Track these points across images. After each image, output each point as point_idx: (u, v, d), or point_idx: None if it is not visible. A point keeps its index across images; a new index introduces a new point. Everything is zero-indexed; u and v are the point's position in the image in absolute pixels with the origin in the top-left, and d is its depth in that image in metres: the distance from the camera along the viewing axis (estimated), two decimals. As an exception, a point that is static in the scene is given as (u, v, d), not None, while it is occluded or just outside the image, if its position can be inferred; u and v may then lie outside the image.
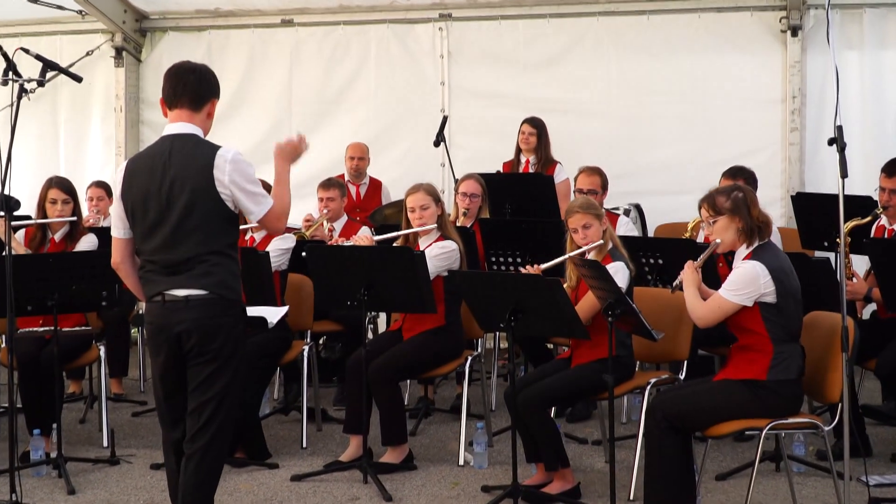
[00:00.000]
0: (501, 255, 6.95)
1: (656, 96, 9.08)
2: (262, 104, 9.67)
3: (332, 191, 7.79)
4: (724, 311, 4.84)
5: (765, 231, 4.91)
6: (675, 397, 5.00)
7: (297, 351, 6.67)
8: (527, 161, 8.50)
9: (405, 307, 6.02)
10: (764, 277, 4.75)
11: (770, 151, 8.87)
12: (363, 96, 9.61)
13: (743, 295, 4.79)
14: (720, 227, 4.93)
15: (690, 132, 9.04)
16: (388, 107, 9.55)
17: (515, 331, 5.18)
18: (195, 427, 4.38)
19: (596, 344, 5.43)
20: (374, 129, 9.51)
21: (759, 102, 8.92)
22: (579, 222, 5.62)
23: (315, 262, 5.89)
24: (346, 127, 9.48)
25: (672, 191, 8.84)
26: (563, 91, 9.21)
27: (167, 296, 4.37)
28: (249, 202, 4.38)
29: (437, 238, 6.28)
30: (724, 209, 4.91)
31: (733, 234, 4.91)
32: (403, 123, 9.53)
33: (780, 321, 4.78)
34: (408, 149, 9.48)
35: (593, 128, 9.10)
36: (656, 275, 6.37)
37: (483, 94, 9.40)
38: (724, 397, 4.82)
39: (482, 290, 5.28)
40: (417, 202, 6.26)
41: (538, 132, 8.40)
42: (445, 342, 6.22)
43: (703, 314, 4.91)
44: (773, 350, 4.78)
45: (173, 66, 4.49)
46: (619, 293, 4.97)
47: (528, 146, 8.45)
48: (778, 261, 4.84)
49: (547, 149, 8.42)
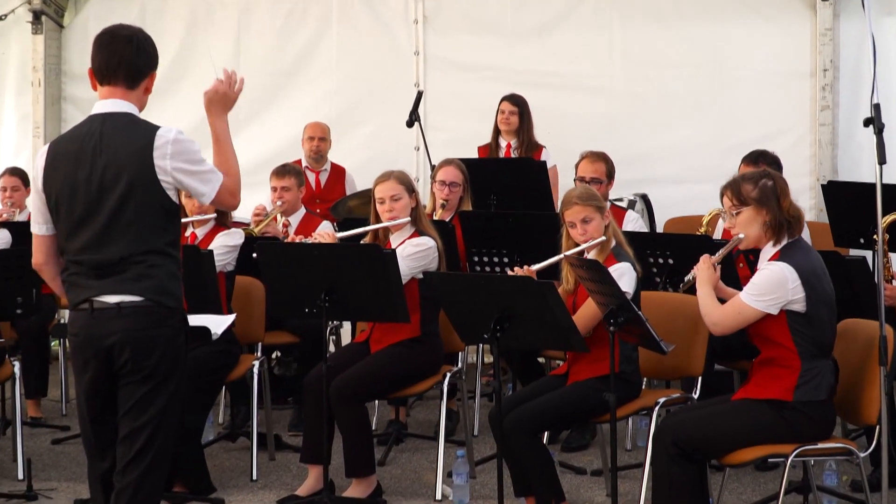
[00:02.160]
0: (486, 254, 6.95)
1: (665, 70, 9.09)
2: (204, 78, 9.37)
3: (287, 179, 7.76)
4: (745, 317, 4.86)
5: (795, 227, 4.92)
6: (687, 420, 5.02)
7: (245, 367, 6.65)
8: (507, 145, 8.54)
9: (373, 315, 6.02)
10: (793, 282, 4.78)
11: (797, 133, 8.91)
12: (323, 68, 9.60)
13: (767, 301, 4.80)
14: (744, 219, 4.94)
15: (705, 112, 9.05)
16: (352, 81, 9.55)
17: (502, 342, 5.16)
18: (127, 457, 4.37)
19: (596, 358, 5.43)
20: (337, 106, 9.51)
21: (785, 77, 8.94)
22: (578, 215, 5.62)
23: (267, 263, 5.87)
24: (303, 104, 9.49)
25: (684, 179, 8.87)
26: (557, 63, 9.21)
27: (96, 302, 4.35)
28: (198, 183, 4.37)
29: (410, 234, 6.28)
30: (750, 199, 4.92)
31: (759, 229, 4.93)
32: (371, 100, 9.52)
33: (809, 333, 4.81)
34: (376, 130, 9.48)
35: (592, 106, 9.11)
36: (666, 277, 6.36)
37: (464, 66, 9.41)
38: (743, 420, 4.85)
39: (463, 295, 5.26)
40: (388, 192, 6.25)
41: (520, 111, 8.46)
42: (420, 356, 6.23)
43: (718, 319, 4.93)
44: (800, 366, 4.81)
45: (105, 32, 4.45)
46: (622, 298, 4.99)
47: (508, 127, 8.49)
48: (810, 262, 4.86)
49: (530, 130, 8.49)
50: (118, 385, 4.38)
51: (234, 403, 7.46)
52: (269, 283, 6.07)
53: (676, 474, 4.86)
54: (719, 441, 4.88)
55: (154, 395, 4.35)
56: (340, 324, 8.09)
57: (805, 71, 8.92)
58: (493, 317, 5.09)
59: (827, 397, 4.84)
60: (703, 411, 5.05)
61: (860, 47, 8.75)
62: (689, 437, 4.87)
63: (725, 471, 5.69)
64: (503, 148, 8.56)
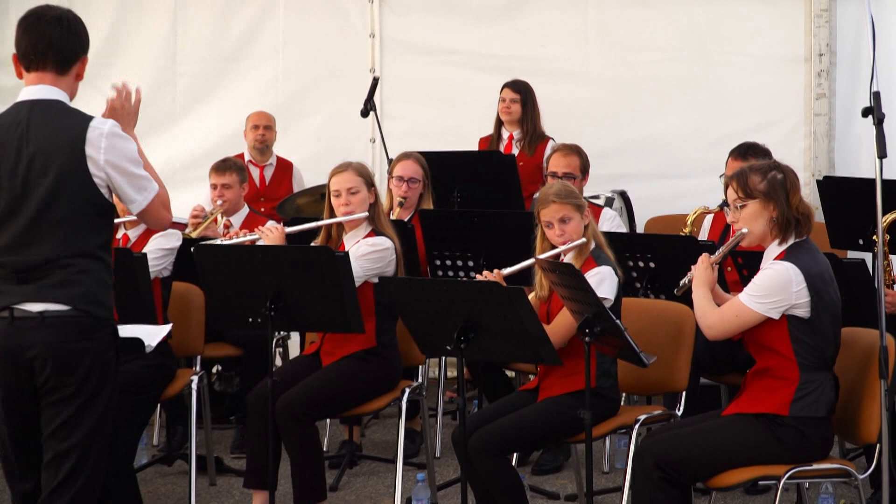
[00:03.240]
0: (449, 257, 6.97)
1: (646, 54, 9.12)
2: (136, 62, 9.60)
3: (228, 175, 7.73)
4: (743, 321, 4.90)
5: (804, 226, 4.96)
6: (670, 439, 5.04)
7: (182, 382, 6.62)
8: (510, 136, 8.58)
9: (324, 325, 6.00)
10: (798, 285, 4.81)
11: (790, 124, 8.98)
12: (269, 51, 9.60)
13: (769, 304, 4.84)
14: (749, 213, 4.98)
15: (689, 100, 9.09)
16: (300, 66, 9.57)
17: (466, 355, 5.15)
18: (52, 483, 4.35)
19: (569, 371, 5.44)
20: (283, 94, 9.53)
21: (777, 62, 8.98)
22: (555, 214, 5.63)
23: (207, 267, 5.83)
24: (246, 93, 9.50)
25: (666, 174, 8.92)
26: (526, 46, 9.23)
27: (16, 311, 4.33)
28: (130, 188, 4.37)
29: (366, 233, 6.30)
30: (758, 191, 4.95)
31: (764, 225, 4.97)
32: (321, 87, 9.54)
33: (811, 342, 4.84)
34: (327, 120, 9.50)
35: (565, 94, 9.09)
36: (647, 281, 6.41)
37: (424, 49, 9.42)
38: (733, 437, 4.87)
39: (423, 303, 5.24)
40: (345, 184, 6.25)
41: (522, 98, 8.50)
42: (376, 370, 6.23)
43: (714, 322, 4.96)
44: (799, 378, 4.83)
45: (30, 14, 4.44)
46: (598, 305, 5.00)
47: (509, 117, 8.55)
48: (817, 265, 4.90)
49: (535, 120, 8.53)
50: (41, 404, 4.36)
51: (171, 423, 7.42)
52: (209, 290, 6.04)
53: (659, 499, 4.86)
54: (705, 461, 4.90)
55: (81, 416, 4.34)
56: (288, 334, 8.06)
57: (799, 56, 8.96)
58: (457, 326, 5.08)
59: (825, 414, 4.87)
60: (687, 429, 5.06)
61: (859, 30, 8.81)
62: (673, 458, 4.89)
63: (712, 494, 5.74)
64: (505, 140, 8.59)
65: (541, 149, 8.40)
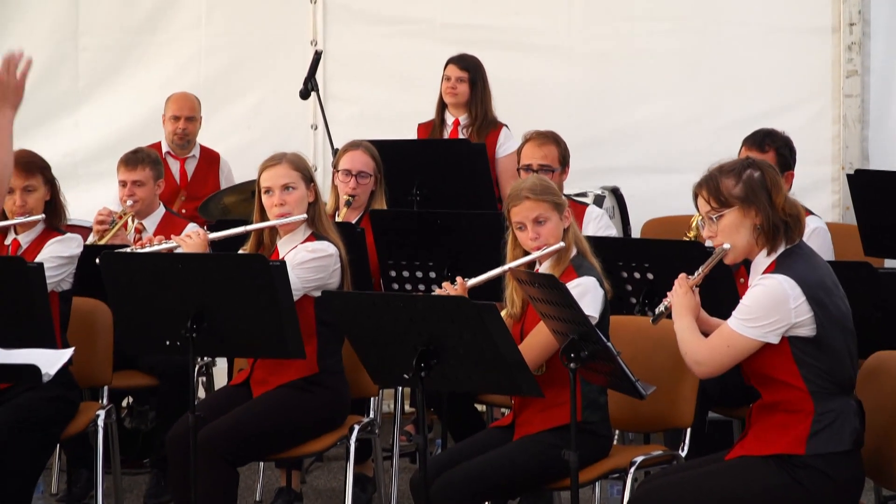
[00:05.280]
0: (406, 267, 6.96)
1: (643, 24, 9.16)
2: (32, 34, 9.60)
3: (140, 170, 7.70)
4: (736, 351, 4.88)
5: (794, 228, 4.93)
6: (672, 485, 5.04)
7: (87, 418, 6.60)
8: (455, 122, 8.61)
9: (256, 349, 5.99)
10: (796, 299, 4.78)
11: (815, 107, 9.01)
12: (190, 21, 9.63)
13: (765, 327, 4.82)
14: (728, 224, 4.95)
15: (693, 79, 9.14)
16: (229, 38, 9.63)
17: (428, 384, 5.13)
18: None
19: (550, 404, 5.44)
20: (208, 71, 9.62)
21: (800, 33, 8.99)
22: (528, 214, 5.63)
23: (115, 279, 5.81)
24: (163, 69, 9.55)
25: (666, 168, 8.97)
26: (497, 16, 9.28)
27: None
28: None
29: (305, 238, 6.26)
30: (733, 197, 4.92)
31: (747, 235, 4.94)
32: (253, 64, 9.64)
33: (822, 364, 4.81)
34: (259, 103, 9.61)
35: (543, 72, 9.20)
36: (643, 296, 6.41)
37: (376, 18, 9.47)
38: (743, 483, 4.84)
39: (376, 321, 5.23)
40: (278, 180, 6.21)
41: (471, 77, 8.52)
42: (319, 402, 6.22)
43: (703, 356, 4.95)
44: (813, 409, 4.81)
45: None
46: (586, 324, 4.97)
47: (455, 99, 8.57)
48: (815, 273, 4.88)
49: (486, 103, 8.55)
50: None
51: (73, 466, 7.39)
52: (118, 307, 6.02)
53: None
54: (712, 512, 4.91)
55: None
56: (213, 360, 8.07)
57: (826, 26, 8.96)
58: (416, 350, 5.07)
59: (851, 447, 4.82)
60: (692, 473, 5.05)
61: (897, -5, 8.88)
62: (675, 508, 4.90)
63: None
64: (449, 126, 8.62)
65: (492, 137, 8.43)
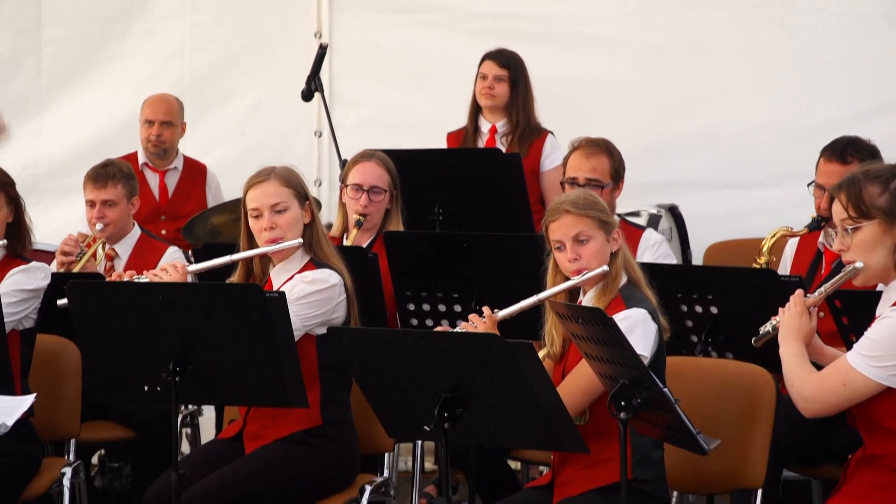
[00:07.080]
0: (426, 298, 6.88)
1: (707, 12, 9.15)
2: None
3: (111, 187, 7.57)
4: (853, 392, 4.75)
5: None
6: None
7: (51, 477, 6.52)
8: (491, 129, 8.54)
9: (251, 396, 5.84)
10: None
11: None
12: (172, 10, 9.70)
13: (890, 368, 4.68)
14: (865, 239, 4.79)
15: (763, 78, 9.15)
16: (219, 30, 9.72)
17: (452, 438, 5.03)
18: None
19: (596, 460, 5.31)
20: (193, 70, 9.72)
21: (886, 23, 8.98)
22: (568, 231, 5.45)
23: (84, 313, 5.71)
24: (141, 66, 9.68)
25: (732, 182, 9.01)
26: (537, 3, 9.36)
27: None
28: None
29: (302, 266, 6.14)
30: (877, 209, 4.76)
31: (885, 256, 4.80)
32: (247, 61, 9.74)
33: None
34: (255, 106, 9.71)
35: (591, 70, 9.24)
36: (706, 334, 6.33)
37: (392, 6, 9.53)
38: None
39: (391, 364, 5.10)
40: (266, 199, 6.07)
41: (511, 75, 8.45)
42: (322, 459, 6.05)
43: (812, 392, 4.81)
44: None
45: None
46: (639, 367, 4.82)
47: (493, 101, 8.49)
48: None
49: (529, 107, 8.48)
50: None
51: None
52: (87, 347, 5.87)
53: None
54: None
55: None
56: (199, 409, 8.18)
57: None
58: (439, 398, 4.98)
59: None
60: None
61: None
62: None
63: None
64: (485, 134, 8.54)
65: (536, 147, 8.40)
